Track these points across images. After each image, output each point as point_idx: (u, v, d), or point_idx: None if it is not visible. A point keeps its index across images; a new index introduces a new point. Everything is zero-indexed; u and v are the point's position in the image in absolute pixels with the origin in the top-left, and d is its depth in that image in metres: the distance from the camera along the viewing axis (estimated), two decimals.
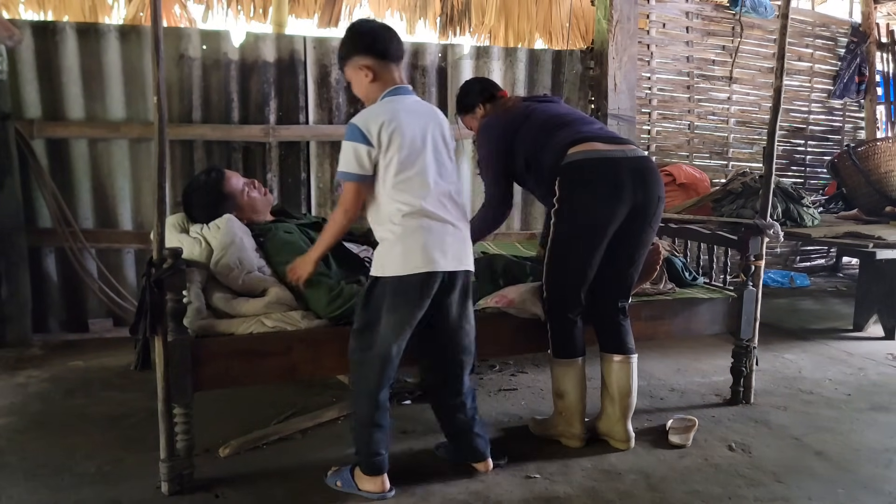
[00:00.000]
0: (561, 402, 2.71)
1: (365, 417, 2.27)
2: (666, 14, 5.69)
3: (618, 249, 2.60)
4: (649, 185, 2.55)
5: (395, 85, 2.30)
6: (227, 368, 2.38)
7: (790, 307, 5.23)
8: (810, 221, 4.62)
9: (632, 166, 2.53)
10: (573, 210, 2.53)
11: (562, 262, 2.60)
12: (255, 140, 4.47)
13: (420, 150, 2.21)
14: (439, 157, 2.28)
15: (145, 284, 2.23)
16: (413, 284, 2.18)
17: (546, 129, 2.66)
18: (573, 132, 2.59)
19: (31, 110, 4.09)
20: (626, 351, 2.71)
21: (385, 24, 2.41)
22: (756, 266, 3.10)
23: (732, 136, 6.13)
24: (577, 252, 2.57)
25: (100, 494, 2.33)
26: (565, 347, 2.66)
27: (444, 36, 5.95)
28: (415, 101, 2.32)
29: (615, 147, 2.56)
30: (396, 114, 2.21)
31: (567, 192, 2.53)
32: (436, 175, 2.24)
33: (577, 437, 2.71)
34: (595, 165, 2.50)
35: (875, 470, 2.58)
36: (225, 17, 5.39)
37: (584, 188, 2.51)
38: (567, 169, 2.52)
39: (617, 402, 2.71)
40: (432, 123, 2.29)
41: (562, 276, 2.62)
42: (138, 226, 4.36)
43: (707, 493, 2.39)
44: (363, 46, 2.28)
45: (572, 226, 2.54)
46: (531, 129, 2.68)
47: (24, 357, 3.78)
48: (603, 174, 2.50)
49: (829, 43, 6.62)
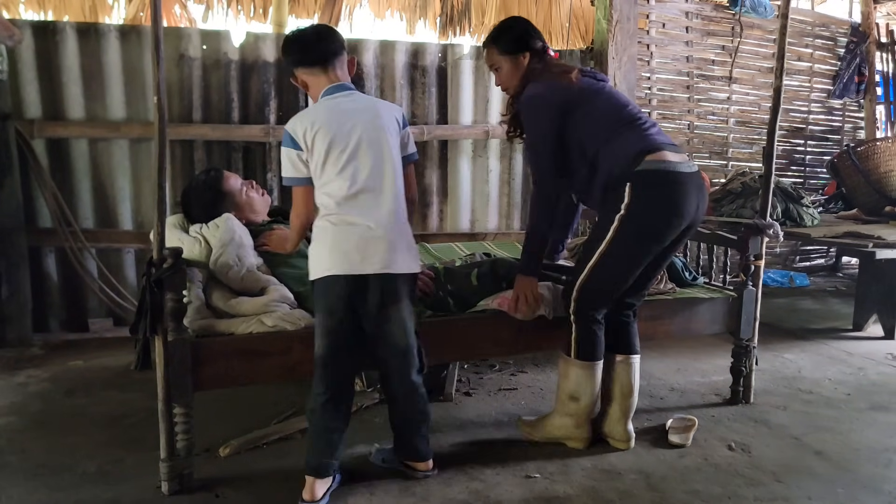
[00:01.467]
0: (574, 405, 2.65)
1: (310, 421, 2.34)
2: (665, 14, 5.69)
3: (656, 257, 2.58)
4: (704, 201, 2.56)
5: (329, 85, 2.30)
6: (227, 368, 2.38)
7: (790, 307, 5.23)
8: (810, 221, 4.62)
9: (696, 183, 2.51)
10: (642, 219, 2.45)
11: (612, 267, 2.52)
12: (255, 140, 4.47)
13: (343, 150, 2.20)
14: (376, 154, 2.22)
15: (145, 284, 2.23)
16: (323, 288, 2.21)
17: (612, 124, 2.52)
18: (643, 136, 2.50)
19: (32, 110, 4.09)
20: (633, 351, 2.71)
21: (307, 29, 2.40)
22: (756, 266, 3.10)
23: (732, 136, 6.13)
24: (632, 259, 2.51)
25: (100, 494, 2.34)
26: (590, 350, 2.61)
27: (444, 36, 5.96)
28: (348, 99, 2.29)
29: (683, 159, 2.50)
30: (320, 115, 2.23)
31: (639, 201, 2.42)
32: (362, 174, 2.20)
33: (585, 439, 2.70)
34: (672, 180, 2.44)
35: (875, 469, 2.59)
36: (225, 17, 5.42)
37: (659, 201, 2.44)
38: (642, 177, 2.42)
39: (619, 401, 2.71)
40: (364, 120, 2.24)
41: (607, 280, 2.55)
42: (138, 225, 4.36)
43: (707, 492, 2.40)
44: (291, 62, 2.35)
45: (637, 234, 2.47)
46: (594, 119, 2.53)
47: (24, 357, 3.79)
48: (677, 190, 2.45)
49: (829, 43, 6.62)
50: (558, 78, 2.56)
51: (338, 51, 2.32)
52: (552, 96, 2.53)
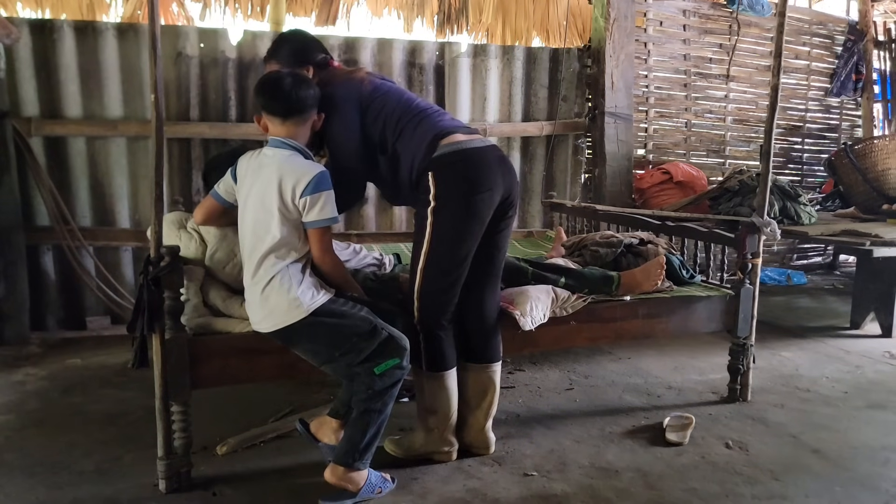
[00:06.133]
0: (433, 419, 2.54)
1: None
2: (663, 12, 5.69)
3: (488, 245, 2.52)
4: (510, 171, 2.51)
5: (270, 137, 2.35)
6: (225, 366, 2.38)
7: (787, 305, 5.23)
8: (807, 219, 4.63)
9: (495, 154, 2.47)
10: (452, 203, 2.38)
11: (442, 262, 2.43)
12: (252, 138, 4.46)
13: (244, 204, 2.33)
14: (260, 216, 2.26)
15: (143, 282, 2.23)
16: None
17: (404, 118, 2.47)
18: (435, 123, 2.46)
19: (29, 108, 4.09)
20: (488, 360, 2.63)
21: (271, 78, 2.38)
22: (753, 264, 3.11)
23: (729, 134, 6.14)
24: (459, 246, 2.43)
25: (97, 492, 2.33)
26: (439, 360, 2.50)
27: (441, 34, 5.96)
28: (265, 157, 2.31)
29: (475, 137, 2.47)
30: (241, 166, 2.36)
31: (443, 186, 2.37)
32: (248, 233, 2.29)
33: (448, 452, 2.59)
34: (468, 156, 2.40)
35: (872, 467, 2.59)
36: (222, 15, 5.40)
37: (462, 180, 2.38)
38: (439, 162, 2.38)
39: (477, 411, 2.62)
40: (262, 183, 2.26)
41: (441, 278, 2.44)
42: (136, 224, 4.36)
43: (704, 490, 2.40)
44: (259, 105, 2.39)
45: (454, 219, 2.39)
46: (387, 115, 2.48)
47: (21, 355, 3.78)
48: (475, 165, 2.40)
49: (827, 41, 6.63)
50: (348, 78, 2.56)
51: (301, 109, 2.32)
52: (347, 93, 2.50)
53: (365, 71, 2.64)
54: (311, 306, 2.21)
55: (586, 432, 2.86)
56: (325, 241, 2.30)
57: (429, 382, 2.51)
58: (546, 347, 3.06)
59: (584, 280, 2.95)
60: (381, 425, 2.28)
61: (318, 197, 2.23)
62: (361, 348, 2.23)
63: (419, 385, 2.55)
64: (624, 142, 5.27)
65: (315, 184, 2.22)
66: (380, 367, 2.23)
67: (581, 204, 4.70)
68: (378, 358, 2.24)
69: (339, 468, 2.25)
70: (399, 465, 2.51)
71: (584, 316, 2.86)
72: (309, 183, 2.22)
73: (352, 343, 2.23)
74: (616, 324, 2.96)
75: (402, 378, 2.30)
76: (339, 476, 2.25)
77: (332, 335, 2.24)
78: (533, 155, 5.27)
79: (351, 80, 2.54)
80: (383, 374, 2.23)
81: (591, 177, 5.47)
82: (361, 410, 2.26)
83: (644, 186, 5.40)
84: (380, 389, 2.24)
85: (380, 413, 2.26)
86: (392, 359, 2.25)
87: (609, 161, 5.22)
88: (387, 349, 2.25)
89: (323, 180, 2.24)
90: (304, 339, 2.27)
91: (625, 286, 2.97)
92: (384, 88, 2.56)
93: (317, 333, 2.24)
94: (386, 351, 2.25)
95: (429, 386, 2.52)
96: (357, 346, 2.24)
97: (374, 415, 2.25)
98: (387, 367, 2.24)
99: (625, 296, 2.96)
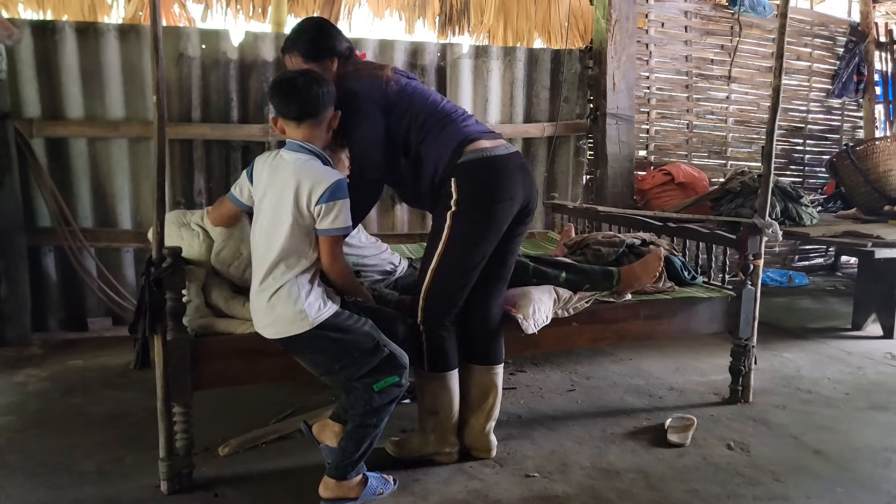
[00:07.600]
0: (434, 420, 2.54)
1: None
2: (665, 13, 5.69)
3: (501, 251, 2.52)
4: (530, 180, 2.52)
5: (286, 139, 2.31)
6: (227, 367, 2.38)
7: (789, 306, 5.23)
8: (809, 220, 4.63)
9: (517, 162, 2.47)
10: (473, 209, 2.39)
11: (455, 266, 2.44)
12: (254, 139, 4.47)
13: (258, 207, 2.31)
14: (274, 220, 2.23)
15: (144, 283, 2.23)
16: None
17: (430, 121, 2.45)
18: (460, 128, 2.45)
19: (31, 109, 4.09)
20: (491, 362, 2.62)
21: (283, 80, 2.32)
22: (755, 265, 3.11)
23: (731, 136, 6.13)
24: (474, 253, 2.43)
25: (99, 493, 2.33)
26: (441, 360, 2.51)
27: (443, 35, 5.96)
28: (282, 160, 2.27)
29: (499, 144, 2.46)
30: (257, 168, 2.34)
31: (466, 193, 2.38)
32: (261, 237, 2.27)
33: (450, 453, 2.58)
34: (492, 164, 2.40)
35: (874, 469, 2.59)
36: (224, 17, 5.41)
37: (485, 188, 2.38)
38: (464, 168, 2.38)
39: (479, 413, 2.60)
40: (277, 187, 2.23)
41: (452, 281, 2.45)
42: (137, 225, 4.36)
43: (706, 491, 2.40)
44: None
45: (473, 225, 2.40)
46: (413, 117, 2.46)
47: (23, 356, 3.78)
48: (498, 173, 2.40)
49: (828, 42, 6.63)
50: (373, 76, 2.49)
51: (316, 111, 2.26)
52: (371, 91, 2.45)
53: (391, 68, 2.56)
54: (316, 319, 2.20)
55: (588, 433, 2.86)
56: (335, 249, 2.28)
57: (430, 383, 2.52)
58: (548, 348, 3.05)
59: (584, 275, 2.95)
60: (374, 438, 2.28)
61: (333, 205, 2.20)
62: (362, 363, 2.23)
63: (421, 386, 2.55)
64: (625, 143, 5.27)
65: (331, 192, 2.19)
66: (379, 385, 2.23)
67: (583, 205, 4.70)
68: (378, 374, 2.23)
69: (331, 481, 2.26)
70: (400, 467, 2.51)
71: (586, 317, 2.86)
72: (325, 191, 2.18)
73: (353, 358, 2.23)
74: (618, 325, 2.97)
75: (399, 395, 2.29)
76: (332, 489, 2.26)
77: (335, 349, 2.23)
78: (534, 156, 5.26)
79: (376, 79, 2.48)
80: (382, 391, 2.23)
81: (592, 178, 5.47)
82: (357, 424, 2.25)
83: (645, 188, 5.40)
84: (377, 406, 2.24)
85: (375, 427, 2.26)
86: (392, 376, 2.24)
87: (610, 162, 5.22)
88: (387, 366, 2.24)
89: (339, 189, 2.21)
90: (306, 350, 2.27)
91: (625, 281, 2.97)
92: (409, 89, 2.52)
93: (319, 346, 2.24)
94: (386, 368, 2.24)
95: (430, 386, 2.52)
96: (358, 361, 2.23)
97: (369, 429, 2.25)
98: (386, 384, 2.23)
99: (625, 291, 2.96)
